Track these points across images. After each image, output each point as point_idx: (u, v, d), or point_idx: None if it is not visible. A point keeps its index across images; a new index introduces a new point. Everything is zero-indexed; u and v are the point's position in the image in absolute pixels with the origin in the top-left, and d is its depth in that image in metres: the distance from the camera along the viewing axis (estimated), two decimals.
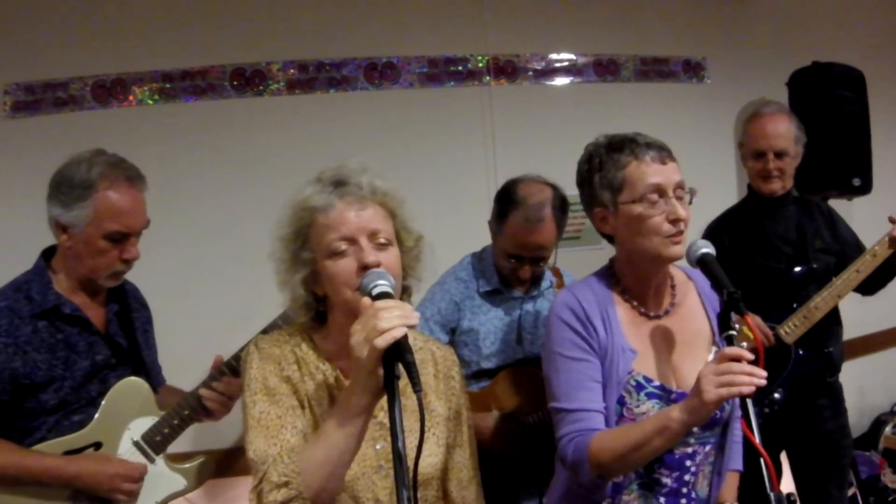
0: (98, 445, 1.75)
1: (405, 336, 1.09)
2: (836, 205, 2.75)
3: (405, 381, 1.07)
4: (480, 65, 3.12)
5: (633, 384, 1.48)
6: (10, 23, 2.66)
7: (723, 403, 1.34)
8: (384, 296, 1.16)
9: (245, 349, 1.38)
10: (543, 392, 1.58)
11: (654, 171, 1.46)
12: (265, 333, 1.48)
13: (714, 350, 1.57)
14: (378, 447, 1.32)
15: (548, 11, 3.23)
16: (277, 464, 1.18)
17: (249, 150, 2.84)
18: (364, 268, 1.23)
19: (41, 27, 2.68)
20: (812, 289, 2.37)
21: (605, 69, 3.32)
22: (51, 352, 1.70)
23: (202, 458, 1.90)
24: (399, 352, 1.07)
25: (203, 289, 2.73)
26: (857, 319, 3.00)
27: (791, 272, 2.41)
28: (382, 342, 1.07)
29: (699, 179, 1.63)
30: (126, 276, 1.84)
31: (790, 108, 2.83)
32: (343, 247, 1.26)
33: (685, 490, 1.52)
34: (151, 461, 1.80)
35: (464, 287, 2.17)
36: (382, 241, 1.29)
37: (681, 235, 1.46)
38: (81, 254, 1.72)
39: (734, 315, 1.40)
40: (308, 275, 1.31)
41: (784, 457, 2.56)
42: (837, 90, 3.31)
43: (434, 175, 2.99)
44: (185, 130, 2.79)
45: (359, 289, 1.21)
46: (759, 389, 1.27)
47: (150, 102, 2.79)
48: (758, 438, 1.26)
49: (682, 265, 1.59)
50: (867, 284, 2.38)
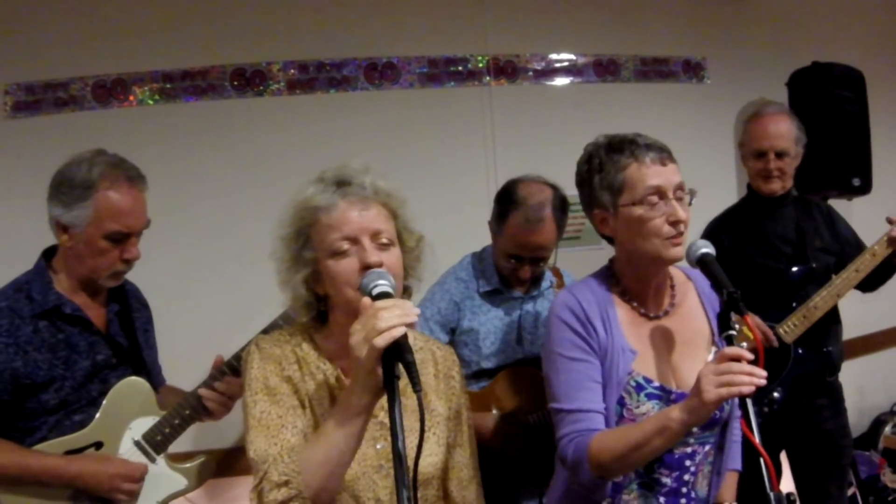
0: (99, 445, 1.75)
1: (405, 336, 1.09)
2: (836, 205, 2.75)
3: (405, 381, 1.07)
4: (480, 65, 3.12)
5: (633, 385, 1.48)
6: (11, 23, 2.66)
7: (722, 403, 1.34)
8: (384, 295, 1.16)
9: (246, 349, 1.38)
10: (543, 392, 1.58)
11: (654, 173, 1.46)
12: (266, 333, 1.48)
13: (714, 350, 1.57)
14: (379, 447, 1.32)
15: (548, 11, 3.23)
16: (278, 463, 1.18)
17: (250, 151, 2.84)
18: (366, 268, 1.24)
19: (42, 27, 2.68)
20: (811, 288, 2.37)
21: (605, 69, 3.32)
22: (51, 352, 1.70)
23: (203, 458, 1.90)
24: (399, 352, 1.08)
25: (203, 289, 2.73)
26: (857, 319, 3.01)
27: (789, 272, 2.42)
28: (381, 342, 1.07)
29: (699, 179, 1.63)
30: (127, 276, 1.84)
31: (790, 109, 2.83)
32: (345, 246, 1.26)
33: (685, 490, 1.52)
34: (152, 461, 1.80)
35: (464, 287, 2.17)
36: (384, 242, 1.29)
37: (681, 237, 1.46)
38: (82, 254, 1.72)
39: (734, 315, 1.40)
40: (310, 274, 1.31)
41: (784, 456, 2.56)
42: (837, 90, 3.31)
43: (434, 175, 2.99)
44: (186, 130, 2.79)
45: (359, 288, 1.22)
46: (759, 389, 1.27)
47: (151, 102, 2.79)
48: (757, 438, 1.26)
49: (682, 265, 1.58)
50: (867, 282, 2.39)
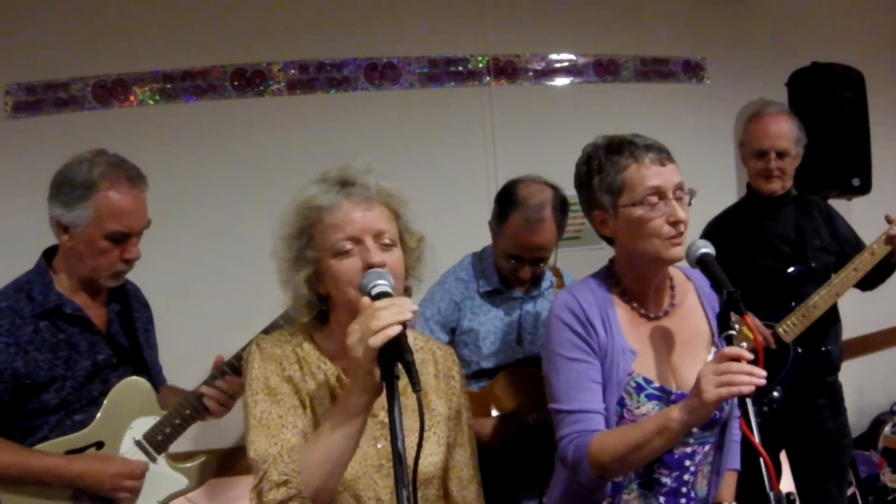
0: (100, 445, 1.75)
1: (405, 336, 1.09)
2: (836, 205, 2.75)
3: (405, 381, 1.07)
4: (480, 65, 3.13)
5: (633, 385, 1.48)
6: (11, 23, 2.66)
7: (722, 403, 1.34)
8: (383, 295, 1.16)
9: (247, 349, 1.38)
10: (543, 392, 1.58)
11: (654, 174, 1.46)
12: (267, 333, 1.48)
13: (713, 350, 1.57)
14: (379, 446, 1.32)
15: (548, 11, 3.23)
16: (277, 463, 1.19)
17: (250, 151, 2.84)
18: (369, 268, 1.24)
19: (42, 27, 2.68)
20: (811, 288, 2.38)
21: (605, 69, 3.32)
22: (52, 351, 1.70)
23: (203, 458, 1.90)
24: (398, 351, 1.08)
25: (204, 288, 2.73)
26: (857, 319, 3.01)
27: (787, 272, 2.42)
28: (377, 341, 1.07)
29: (699, 179, 1.63)
30: (127, 276, 1.84)
31: (790, 109, 2.83)
32: (348, 246, 1.27)
33: (685, 490, 1.52)
34: (153, 460, 1.80)
35: (464, 287, 2.18)
36: (387, 242, 1.29)
37: (681, 237, 1.46)
38: (83, 254, 1.72)
39: (734, 315, 1.40)
40: (311, 274, 1.31)
41: (784, 456, 2.56)
42: (837, 90, 3.31)
43: (434, 175, 3.00)
44: (186, 131, 2.79)
45: (359, 288, 1.22)
46: (758, 388, 1.27)
47: (151, 103, 2.79)
48: (757, 438, 1.26)
49: (681, 265, 1.58)
50: (866, 281, 2.39)
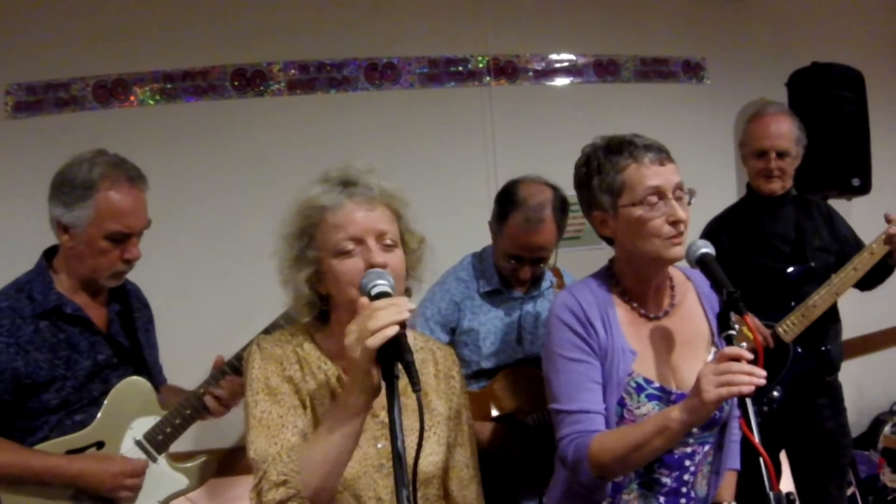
0: (100, 445, 1.75)
1: (405, 336, 1.09)
2: (836, 205, 2.76)
3: (406, 381, 1.07)
4: (481, 65, 3.13)
5: (634, 386, 1.48)
6: (12, 23, 2.66)
7: (722, 403, 1.34)
8: (383, 295, 1.16)
9: (247, 349, 1.38)
10: (543, 392, 1.58)
11: (654, 174, 1.46)
12: (267, 333, 1.48)
13: (713, 350, 1.57)
14: (380, 446, 1.32)
15: (548, 12, 3.23)
16: (276, 463, 1.19)
17: (250, 151, 2.84)
18: (370, 268, 1.24)
19: (42, 28, 2.68)
20: (810, 287, 2.38)
21: (605, 69, 3.32)
22: (52, 351, 1.71)
23: (204, 458, 1.90)
24: (398, 351, 1.08)
25: (204, 288, 2.73)
26: (857, 319, 3.01)
27: (786, 272, 2.42)
28: (374, 342, 1.07)
29: (699, 179, 1.63)
30: (127, 276, 1.84)
31: (790, 109, 2.83)
32: (350, 246, 1.27)
33: (685, 490, 1.53)
34: (153, 460, 1.80)
35: (464, 287, 2.18)
36: (389, 243, 1.30)
37: (681, 237, 1.46)
38: (83, 254, 1.72)
39: (733, 315, 1.40)
40: (312, 273, 1.31)
41: (783, 456, 2.57)
42: (837, 90, 3.31)
43: (434, 175, 3.00)
44: (187, 131, 2.80)
45: (358, 288, 1.22)
46: (758, 388, 1.27)
47: (152, 103, 2.79)
48: (757, 438, 1.26)
49: (681, 265, 1.58)
50: (865, 281, 2.39)
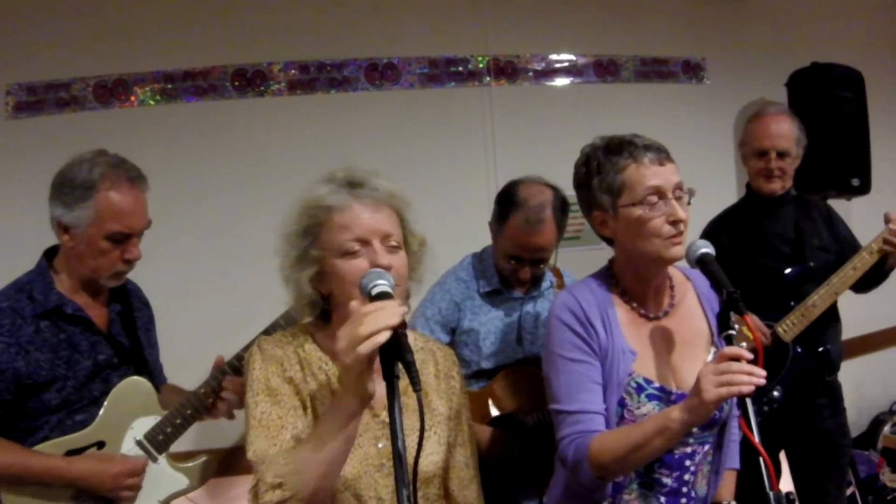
0: (101, 445, 1.75)
1: (405, 336, 1.09)
2: (835, 205, 2.76)
3: (406, 381, 1.08)
4: (481, 65, 3.13)
5: (634, 386, 1.49)
6: (12, 23, 2.67)
7: (722, 403, 1.35)
8: (384, 295, 1.16)
9: (248, 350, 1.39)
10: (543, 392, 1.58)
11: (653, 173, 1.46)
12: (267, 334, 1.49)
13: (713, 350, 1.57)
14: (380, 445, 1.32)
15: (548, 12, 3.23)
16: (273, 465, 1.19)
17: (251, 151, 2.84)
18: (371, 268, 1.24)
19: (43, 28, 2.69)
20: (810, 287, 2.38)
21: (605, 69, 3.32)
22: (53, 351, 1.71)
23: (204, 458, 1.90)
24: (399, 351, 1.08)
25: (205, 289, 2.73)
26: (856, 319, 3.00)
27: (785, 272, 2.42)
28: (365, 349, 1.07)
29: (699, 179, 1.63)
30: (128, 276, 1.84)
31: (790, 109, 2.84)
32: (356, 247, 1.27)
33: (685, 489, 1.53)
34: (154, 460, 1.80)
35: (464, 287, 2.18)
36: (393, 244, 1.30)
37: (681, 236, 1.46)
38: (83, 254, 1.73)
39: (733, 315, 1.40)
40: (315, 273, 1.31)
41: (783, 456, 2.57)
42: (836, 91, 3.32)
43: (434, 175, 3.00)
44: (187, 131, 2.80)
45: (358, 288, 1.22)
46: (758, 388, 1.27)
47: (152, 103, 2.79)
48: (757, 437, 1.26)
49: (681, 265, 1.58)
50: (862, 282, 2.39)
